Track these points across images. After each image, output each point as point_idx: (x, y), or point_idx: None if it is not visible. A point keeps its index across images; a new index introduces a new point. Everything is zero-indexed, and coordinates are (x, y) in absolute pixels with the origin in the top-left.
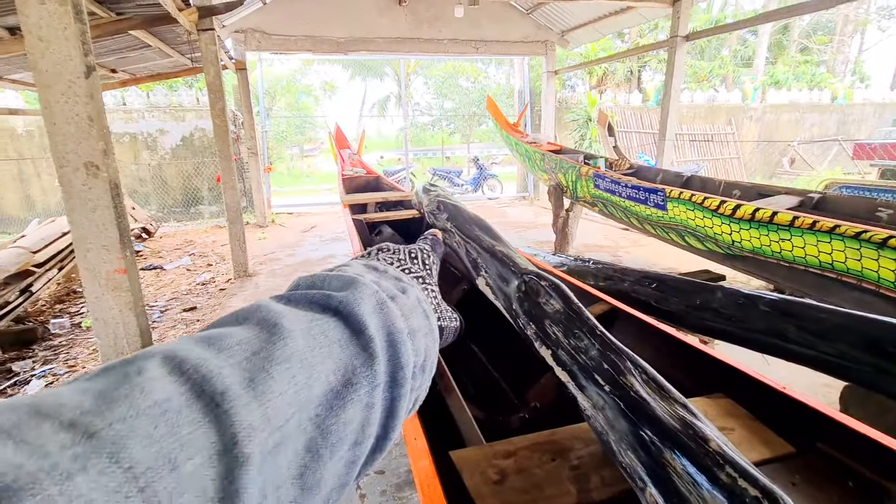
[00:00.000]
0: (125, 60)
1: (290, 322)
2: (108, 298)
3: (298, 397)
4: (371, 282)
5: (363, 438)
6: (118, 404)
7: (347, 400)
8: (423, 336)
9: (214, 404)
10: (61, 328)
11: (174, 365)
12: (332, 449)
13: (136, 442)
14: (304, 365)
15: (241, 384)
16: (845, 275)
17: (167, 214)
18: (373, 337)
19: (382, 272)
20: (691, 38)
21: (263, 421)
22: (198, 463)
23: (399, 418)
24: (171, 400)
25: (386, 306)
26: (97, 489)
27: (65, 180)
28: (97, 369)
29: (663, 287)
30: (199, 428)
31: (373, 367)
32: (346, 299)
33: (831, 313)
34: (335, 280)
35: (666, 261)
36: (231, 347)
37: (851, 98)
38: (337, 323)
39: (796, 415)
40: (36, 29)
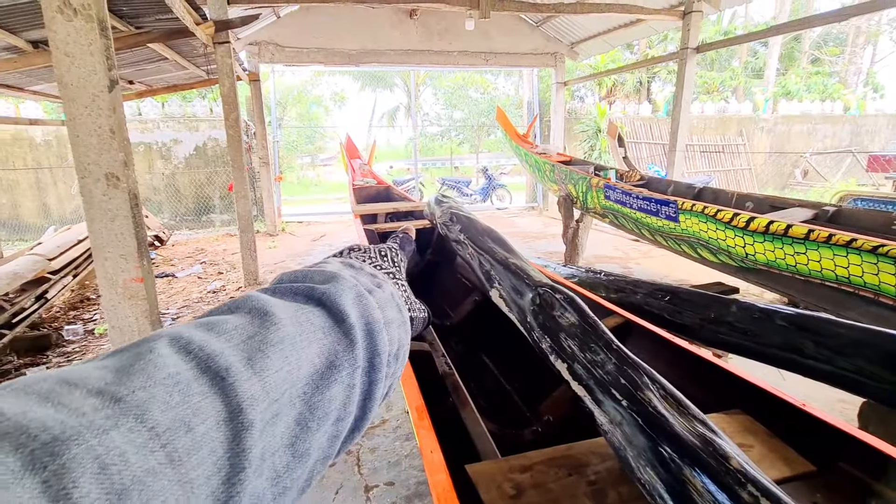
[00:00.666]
0: (142, 72)
1: (279, 310)
2: (125, 307)
3: (291, 376)
4: (350, 276)
5: (344, 415)
6: (137, 376)
7: (331, 380)
8: (397, 327)
9: (220, 378)
10: (75, 335)
11: (181, 345)
12: (318, 423)
13: (155, 406)
14: (294, 348)
15: (242, 362)
16: (862, 289)
17: (179, 223)
18: (353, 325)
19: (359, 269)
20: (701, 49)
21: (263, 393)
22: (209, 426)
23: (375, 401)
24: (181, 374)
25: (364, 299)
26: (128, 443)
27: (86, 190)
28: (109, 352)
29: (676, 300)
30: (207, 398)
31: (353, 351)
32: (329, 291)
33: (849, 328)
34: (317, 275)
35: (677, 273)
36: (229, 332)
37: (864, 109)
38: (321, 312)
39: (816, 432)
40: (63, 45)
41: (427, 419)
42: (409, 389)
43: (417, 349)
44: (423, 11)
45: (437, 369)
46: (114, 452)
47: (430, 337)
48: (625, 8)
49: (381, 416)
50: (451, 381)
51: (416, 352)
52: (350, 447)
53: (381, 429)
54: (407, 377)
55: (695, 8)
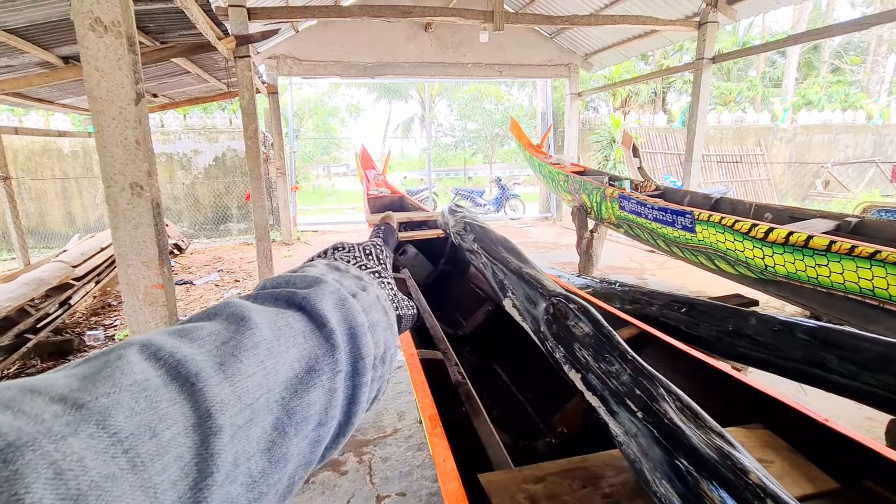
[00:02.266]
0: (165, 85)
1: (257, 315)
2: (146, 312)
3: (266, 380)
4: (333, 280)
5: (326, 420)
6: (102, 383)
7: (310, 384)
8: (383, 330)
9: (189, 384)
10: (96, 340)
11: (150, 353)
12: (297, 427)
13: (119, 412)
14: (270, 352)
15: (213, 367)
16: (888, 302)
17: (198, 231)
18: (334, 330)
19: (344, 272)
20: (717, 60)
21: (234, 398)
22: (175, 432)
23: (361, 405)
24: (150, 380)
25: (347, 303)
26: (87, 449)
27: (111, 199)
28: (78, 360)
29: (693, 312)
30: (175, 403)
31: (334, 356)
32: (309, 296)
33: (874, 342)
34: (299, 280)
35: (694, 284)
36: (203, 338)
37: (888, 118)
38: (301, 317)
39: (840, 449)
40: (93, 60)
41: (440, 428)
42: (422, 398)
43: (430, 358)
44: (437, 25)
45: (451, 378)
46: (71, 458)
47: (444, 346)
48: (639, 19)
49: (393, 425)
50: (464, 390)
51: (429, 360)
52: (335, 453)
53: (393, 438)
54: (420, 385)
55: (710, 18)
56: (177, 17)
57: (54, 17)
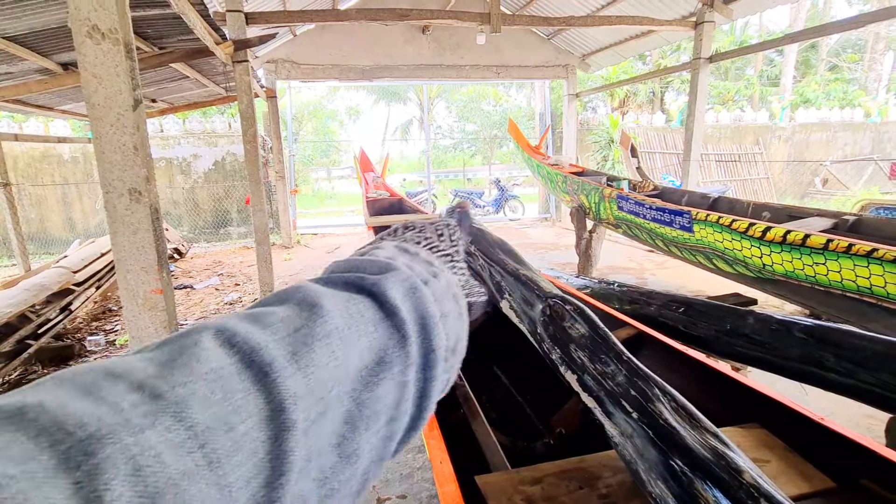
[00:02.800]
0: (164, 90)
1: (328, 301)
2: (145, 317)
3: (338, 372)
4: (404, 265)
5: (398, 415)
6: (179, 371)
7: (381, 377)
8: (454, 320)
9: (263, 373)
10: (97, 345)
11: (225, 338)
12: (368, 422)
13: (195, 404)
14: (342, 342)
15: (286, 357)
16: (886, 300)
17: (198, 235)
18: (405, 319)
19: (414, 255)
20: (714, 59)
21: (307, 391)
22: (250, 426)
23: (432, 398)
24: (224, 368)
25: (418, 291)
26: (164, 443)
27: (110, 205)
28: (156, 343)
29: (692, 311)
30: (250, 395)
31: (405, 348)
32: (380, 283)
33: (872, 341)
34: (369, 264)
35: (693, 283)
36: (275, 324)
37: (886, 116)
38: (371, 304)
39: (837, 448)
40: (91, 66)
41: (437, 429)
42: None
43: None
44: (435, 27)
45: None
46: (149, 453)
47: None
48: (636, 20)
49: None
50: (462, 391)
51: None
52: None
53: None
54: None
55: (707, 18)
56: (175, 22)
57: (53, 24)
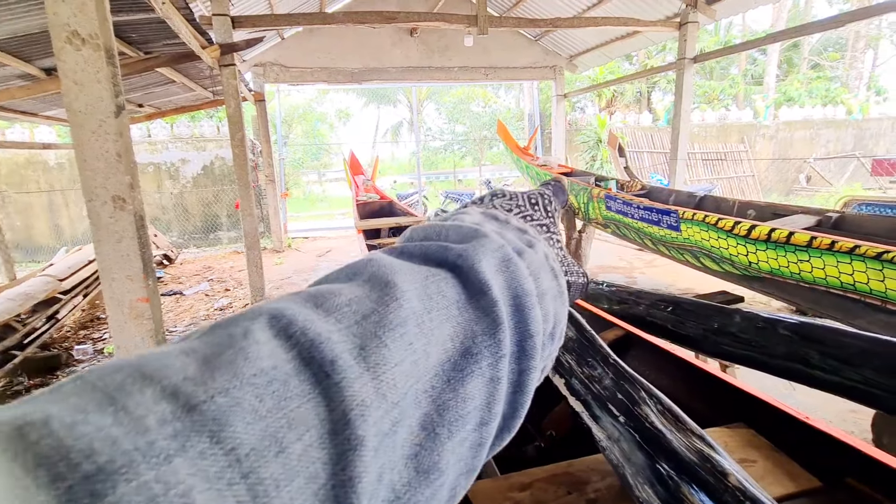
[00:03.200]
0: (151, 95)
1: (403, 279)
2: (131, 326)
3: (416, 368)
4: (494, 233)
5: (489, 418)
6: (221, 372)
7: (467, 373)
8: (552, 299)
9: (324, 374)
10: (84, 354)
11: (280, 327)
12: (451, 428)
13: (239, 418)
14: (421, 330)
15: (352, 352)
16: (869, 296)
17: (187, 241)
18: (496, 300)
19: (504, 222)
20: (699, 59)
21: (378, 397)
22: (307, 444)
23: (528, 393)
24: (278, 368)
25: (512, 263)
26: (197, 474)
27: (93, 213)
28: (206, 327)
29: (679, 310)
30: (309, 402)
31: (496, 335)
32: (466, 253)
33: (855, 337)
34: (453, 231)
35: (682, 282)
36: (340, 308)
37: (868, 113)
38: (455, 281)
39: (822, 447)
40: (71, 73)
41: None
42: None
43: None
44: (423, 29)
45: None
46: (175, 490)
47: None
48: (621, 21)
49: None
50: None
51: None
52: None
53: None
54: None
55: (690, 19)
56: (160, 27)
57: (34, 28)
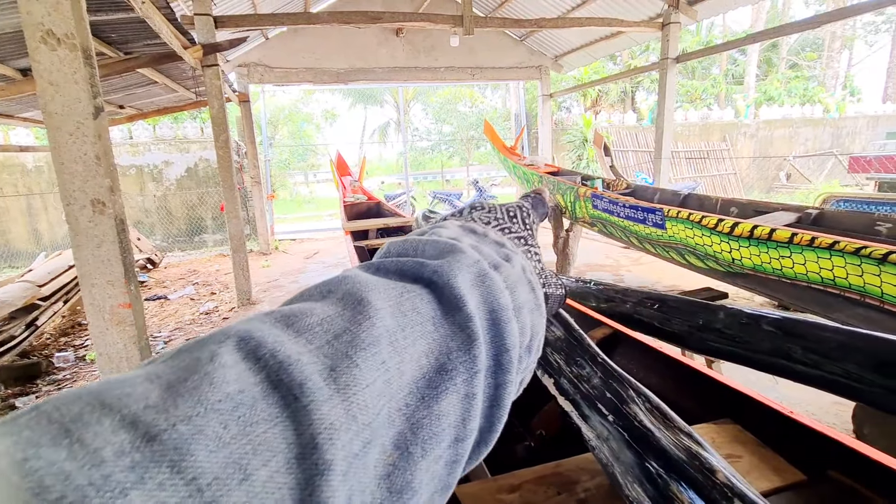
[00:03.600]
0: (132, 97)
1: (377, 296)
2: (113, 333)
3: (388, 388)
4: (470, 247)
5: (464, 435)
6: (184, 399)
7: (441, 390)
8: (530, 312)
9: (293, 397)
10: (65, 362)
11: (249, 349)
12: (426, 447)
13: (201, 446)
14: (394, 348)
15: (322, 374)
16: (848, 290)
17: (172, 244)
18: (472, 315)
19: (482, 236)
20: (681, 59)
21: (348, 418)
22: (273, 470)
23: (505, 407)
24: (245, 392)
25: (488, 278)
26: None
27: (71, 217)
28: (173, 350)
29: (666, 308)
30: (276, 426)
31: (471, 351)
32: (442, 269)
33: (836, 332)
34: (430, 246)
35: (667, 279)
36: (311, 329)
37: (844, 111)
38: (430, 297)
39: (806, 440)
40: (47, 74)
41: None
42: None
43: None
44: (408, 30)
45: None
46: None
47: None
48: (605, 21)
49: None
50: None
51: None
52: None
53: None
54: None
55: (672, 19)
56: (140, 26)
57: (8, 28)
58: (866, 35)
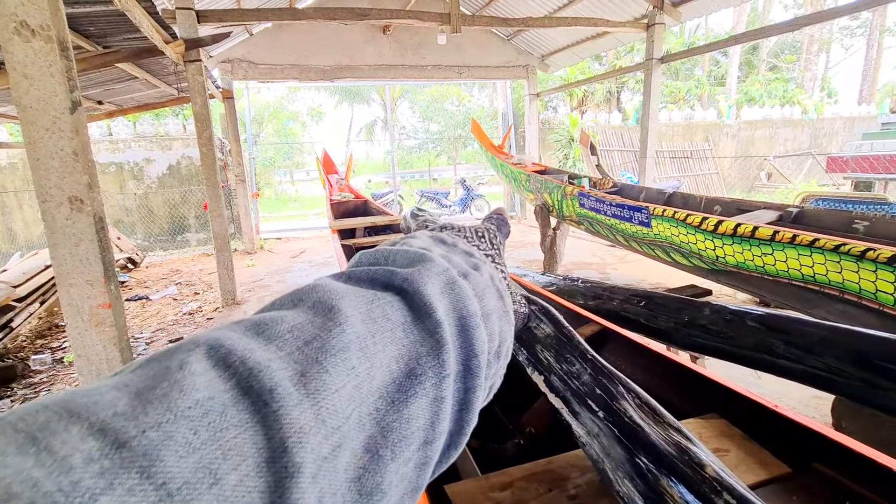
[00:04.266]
0: (111, 92)
1: (348, 304)
2: (92, 334)
3: (358, 392)
4: (440, 256)
5: (433, 437)
6: (154, 406)
7: (411, 394)
8: (498, 318)
9: (262, 402)
10: (42, 364)
11: (219, 357)
12: (395, 449)
13: (171, 452)
14: (364, 354)
15: (292, 379)
16: (828, 287)
17: (153, 243)
18: (440, 321)
19: (451, 245)
20: (665, 60)
21: (317, 423)
22: (243, 474)
23: (474, 411)
24: (215, 399)
25: (457, 286)
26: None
27: (48, 215)
28: (142, 360)
29: (652, 304)
30: (246, 431)
31: (440, 356)
32: (412, 277)
33: (817, 327)
34: (400, 256)
35: (653, 276)
36: (282, 336)
37: (822, 112)
38: (401, 304)
39: (790, 434)
40: (21, 66)
41: None
42: None
43: None
44: (395, 27)
45: None
46: None
47: None
48: (591, 21)
49: None
50: None
51: None
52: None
53: None
54: None
55: (657, 20)
56: (120, 20)
57: None
58: (842, 39)
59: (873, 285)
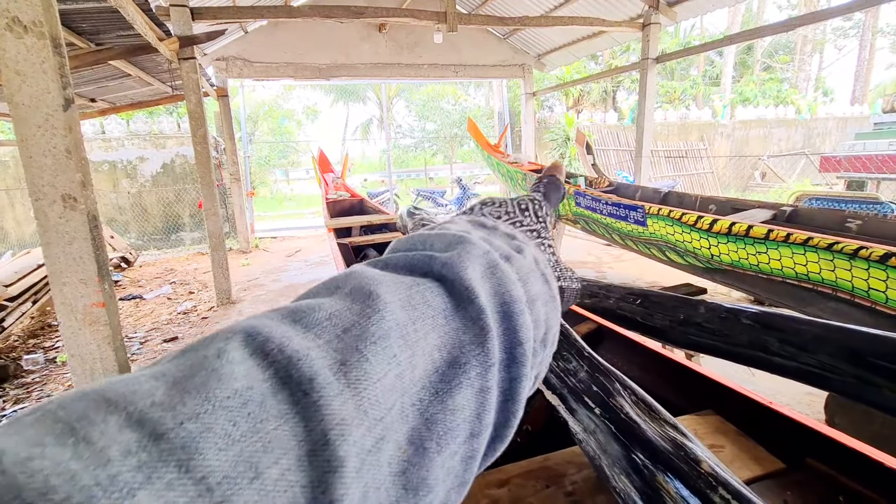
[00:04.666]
0: (105, 90)
1: (387, 290)
2: (86, 333)
3: (400, 382)
4: (480, 240)
5: (480, 429)
6: (192, 396)
7: (455, 384)
8: (543, 304)
9: (302, 392)
10: (35, 364)
11: (256, 345)
12: (441, 442)
13: (210, 444)
14: (405, 342)
15: (332, 368)
16: (821, 285)
17: (147, 242)
18: (483, 307)
19: (492, 228)
20: (661, 60)
21: (359, 414)
22: (284, 467)
23: (520, 401)
24: (253, 388)
25: (498, 269)
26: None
27: (40, 214)
28: (179, 350)
29: (647, 303)
30: (286, 423)
31: (484, 344)
32: (451, 261)
33: (810, 325)
34: (437, 240)
35: (648, 275)
36: (320, 323)
37: (816, 112)
38: (440, 290)
39: (784, 429)
40: (13, 63)
41: None
42: None
43: None
44: (392, 26)
45: None
46: None
47: None
48: (587, 20)
49: None
50: None
51: None
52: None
53: None
54: None
55: (653, 20)
56: (113, 16)
57: None
58: (836, 39)
59: (866, 283)
